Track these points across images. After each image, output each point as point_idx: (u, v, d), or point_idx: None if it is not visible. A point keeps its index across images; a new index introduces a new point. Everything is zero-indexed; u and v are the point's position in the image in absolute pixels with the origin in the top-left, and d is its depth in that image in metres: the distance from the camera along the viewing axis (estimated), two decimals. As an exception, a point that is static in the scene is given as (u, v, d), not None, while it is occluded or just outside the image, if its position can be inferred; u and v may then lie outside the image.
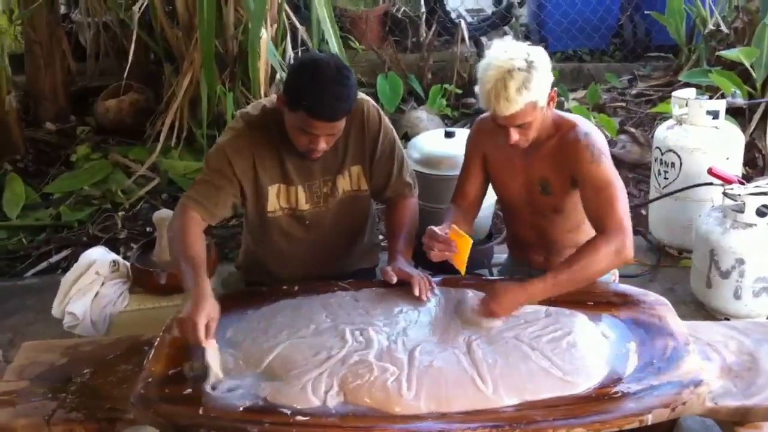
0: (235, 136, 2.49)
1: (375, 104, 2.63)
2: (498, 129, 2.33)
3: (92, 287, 2.93)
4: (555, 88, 2.32)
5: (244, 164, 2.49)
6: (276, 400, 1.98)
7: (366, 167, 2.61)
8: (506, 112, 2.22)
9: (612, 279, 2.68)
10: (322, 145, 2.39)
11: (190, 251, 2.32)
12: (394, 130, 2.68)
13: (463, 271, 2.39)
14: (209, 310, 2.12)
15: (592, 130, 2.40)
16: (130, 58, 4.26)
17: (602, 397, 1.97)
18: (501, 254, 3.12)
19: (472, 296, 2.36)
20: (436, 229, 2.37)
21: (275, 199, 2.56)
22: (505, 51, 2.23)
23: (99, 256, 3.06)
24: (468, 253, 2.34)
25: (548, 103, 2.31)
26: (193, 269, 2.25)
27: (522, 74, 2.18)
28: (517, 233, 2.69)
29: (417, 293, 2.37)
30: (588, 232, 2.52)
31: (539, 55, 2.25)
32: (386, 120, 2.64)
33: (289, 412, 1.94)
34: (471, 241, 2.35)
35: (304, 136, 2.37)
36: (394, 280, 2.42)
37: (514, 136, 2.30)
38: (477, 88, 2.30)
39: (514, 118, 2.25)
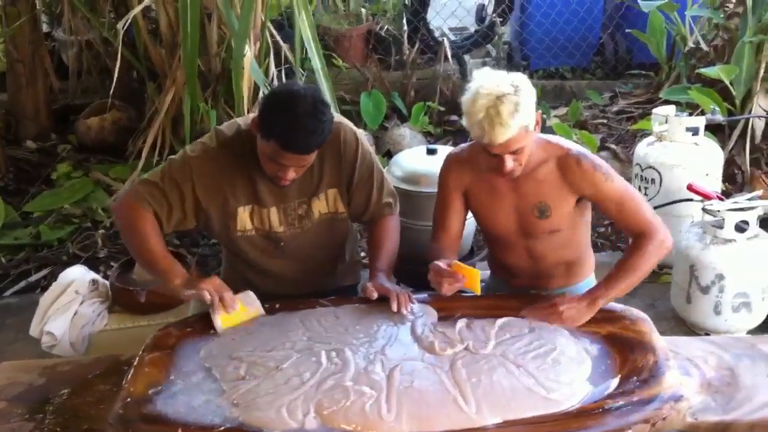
0: (205, 155, 2.47)
1: (353, 128, 2.61)
2: (490, 158, 2.31)
3: (71, 306, 2.91)
4: (539, 110, 2.32)
5: (209, 184, 2.47)
6: (250, 422, 1.97)
7: (343, 191, 2.60)
8: (502, 138, 2.20)
9: None
10: (291, 175, 2.38)
11: (159, 255, 2.45)
12: (372, 153, 2.66)
13: (478, 291, 2.41)
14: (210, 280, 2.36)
15: (582, 149, 2.45)
16: (115, 77, 4.25)
17: (583, 413, 1.97)
18: (484, 270, 3.12)
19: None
20: (440, 263, 2.37)
21: (247, 219, 2.55)
22: (489, 79, 2.24)
23: (78, 275, 3.04)
24: (479, 280, 2.36)
25: (534, 128, 2.31)
26: (167, 268, 2.41)
27: (512, 98, 2.18)
28: (503, 258, 2.65)
29: (395, 308, 2.37)
30: (575, 246, 2.55)
31: (522, 80, 2.26)
32: (364, 144, 2.62)
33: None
34: (479, 272, 2.36)
35: (273, 164, 2.36)
36: (375, 295, 2.42)
37: (509, 163, 2.29)
38: (465, 122, 2.28)
39: (511, 143, 2.23)
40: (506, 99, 2.18)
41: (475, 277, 2.34)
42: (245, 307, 2.40)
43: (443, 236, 2.59)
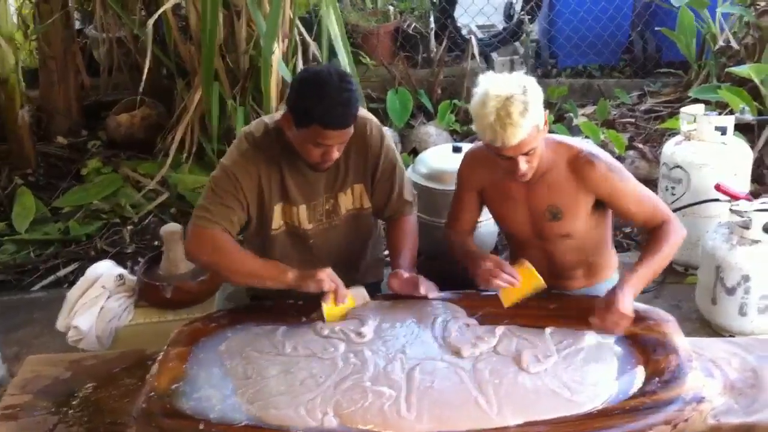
0: (241, 157, 2.49)
1: (378, 123, 2.63)
2: (502, 162, 2.31)
3: (97, 301, 2.94)
4: (546, 110, 2.30)
5: (251, 184, 2.49)
6: (269, 420, 1.99)
7: (368, 185, 2.62)
8: (514, 140, 2.19)
9: None
10: (336, 154, 2.41)
11: (256, 261, 2.47)
12: (396, 150, 2.67)
13: (507, 305, 2.39)
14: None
15: (593, 149, 2.43)
16: (144, 74, 4.29)
17: (604, 414, 1.97)
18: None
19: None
20: (505, 262, 2.40)
21: (279, 217, 2.57)
22: (496, 82, 2.23)
23: (105, 270, 3.07)
24: (528, 294, 2.37)
25: (543, 126, 2.29)
26: (276, 271, 2.45)
27: (521, 98, 2.18)
28: (522, 258, 2.66)
29: (423, 292, 2.42)
30: (594, 248, 2.52)
31: (528, 80, 2.25)
32: (388, 139, 2.64)
33: (291, 429, 1.95)
34: (543, 284, 2.38)
35: (318, 149, 2.38)
36: (405, 276, 2.48)
37: (523, 165, 2.28)
38: (474, 127, 2.28)
39: (523, 145, 2.22)
40: (515, 99, 2.17)
41: (528, 285, 2.36)
42: (353, 300, 2.46)
43: (456, 226, 2.64)
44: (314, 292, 2.41)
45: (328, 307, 2.40)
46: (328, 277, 2.41)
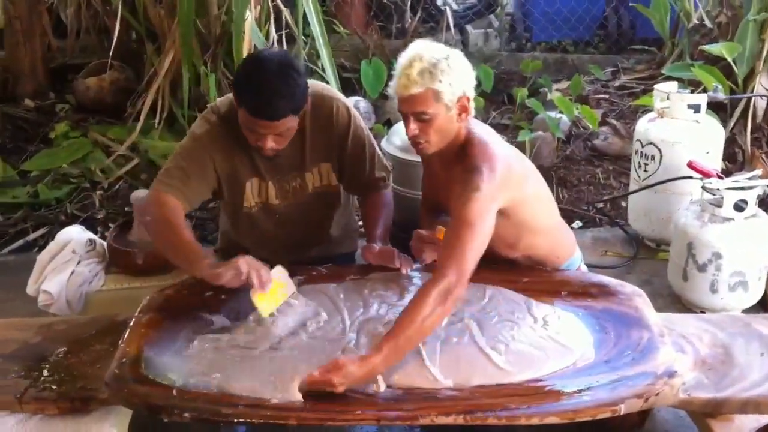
0: (212, 129, 2.46)
1: (346, 103, 2.59)
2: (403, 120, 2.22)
3: (68, 266, 2.91)
4: (470, 99, 2.21)
5: (222, 157, 2.47)
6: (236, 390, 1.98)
7: (335, 165, 2.60)
8: (404, 91, 2.15)
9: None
10: (270, 144, 2.34)
11: (185, 238, 2.33)
12: (365, 128, 2.64)
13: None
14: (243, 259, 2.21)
15: (492, 162, 2.19)
16: (114, 37, 4.21)
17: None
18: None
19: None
20: (422, 232, 2.37)
21: (250, 194, 2.55)
22: (425, 44, 2.20)
23: (76, 234, 3.04)
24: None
25: (459, 114, 2.21)
26: (200, 256, 2.29)
27: (432, 61, 2.14)
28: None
29: (397, 265, 2.40)
30: (534, 242, 2.44)
31: (459, 58, 2.20)
32: (357, 119, 2.60)
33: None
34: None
35: (252, 134, 2.34)
36: (376, 248, 2.45)
37: (412, 126, 2.19)
38: None
39: (412, 101, 2.15)
40: (426, 59, 2.14)
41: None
42: (280, 283, 2.27)
43: (423, 202, 2.62)
44: (234, 285, 2.21)
45: (259, 298, 2.20)
46: (245, 265, 2.20)
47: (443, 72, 2.14)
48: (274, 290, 2.24)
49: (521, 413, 1.91)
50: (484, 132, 2.30)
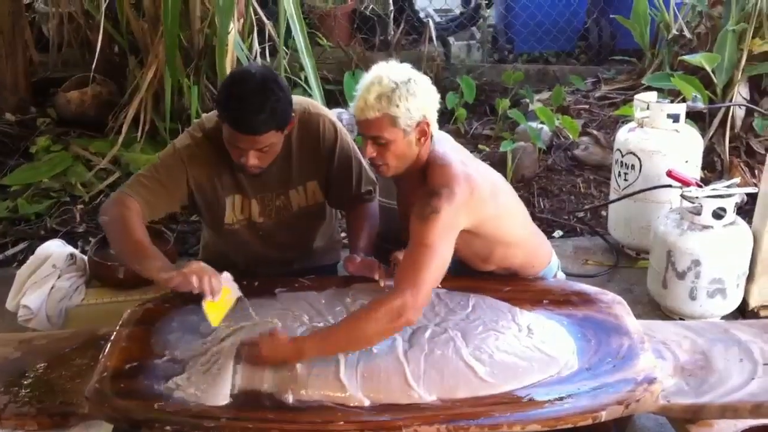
0: (195, 145, 2.46)
1: (332, 120, 2.59)
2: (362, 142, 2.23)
3: (48, 280, 2.89)
4: (430, 123, 2.20)
5: (200, 174, 2.47)
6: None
7: (322, 182, 2.60)
8: (361, 115, 2.15)
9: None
10: (253, 161, 2.34)
11: (137, 237, 2.31)
12: (351, 144, 2.64)
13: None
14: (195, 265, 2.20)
15: (459, 183, 2.17)
16: (97, 50, 4.20)
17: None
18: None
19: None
20: (399, 255, 2.31)
21: (231, 211, 2.55)
22: (388, 66, 2.19)
23: (56, 248, 3.02)
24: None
25: (419, 138, 2.20)
26: (151, 256, 2.26)
27: (390, 86, 2.12)
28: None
29: (376, 277, 2.40)
30: (508, 253, 2.43)
31: (421, 82, 2.18)
32: (344, 135, 2.60)
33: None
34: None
35: (234, 150, 2.34)
36: (358, 259, 2.44)
37: (369, 149, 2.20)
38: None
39: (369, 125, 2.16)
40: (384, 84, 2.13)
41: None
42: (227, 289, 2.23)
43: (402, 221, 2.56)
44: (183, 290, 2.18)
45: (208, 306, 2.17)
46: (194, 274, 2.16)
47: (401, 97, 2.12)
48: (222, 297, 2.22)
49: (504, 421, 1.92)
50: (447, 152, 2.27)
